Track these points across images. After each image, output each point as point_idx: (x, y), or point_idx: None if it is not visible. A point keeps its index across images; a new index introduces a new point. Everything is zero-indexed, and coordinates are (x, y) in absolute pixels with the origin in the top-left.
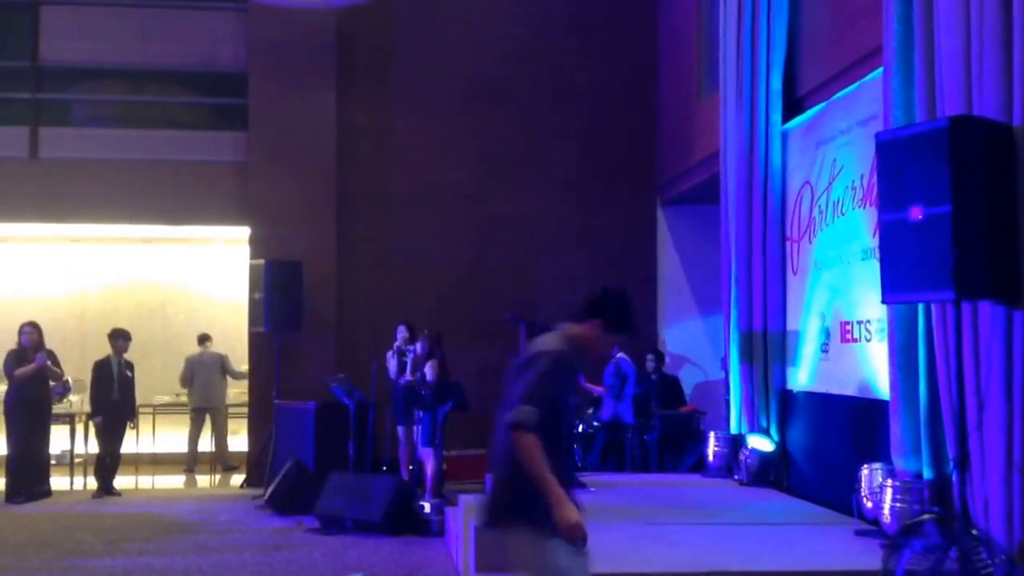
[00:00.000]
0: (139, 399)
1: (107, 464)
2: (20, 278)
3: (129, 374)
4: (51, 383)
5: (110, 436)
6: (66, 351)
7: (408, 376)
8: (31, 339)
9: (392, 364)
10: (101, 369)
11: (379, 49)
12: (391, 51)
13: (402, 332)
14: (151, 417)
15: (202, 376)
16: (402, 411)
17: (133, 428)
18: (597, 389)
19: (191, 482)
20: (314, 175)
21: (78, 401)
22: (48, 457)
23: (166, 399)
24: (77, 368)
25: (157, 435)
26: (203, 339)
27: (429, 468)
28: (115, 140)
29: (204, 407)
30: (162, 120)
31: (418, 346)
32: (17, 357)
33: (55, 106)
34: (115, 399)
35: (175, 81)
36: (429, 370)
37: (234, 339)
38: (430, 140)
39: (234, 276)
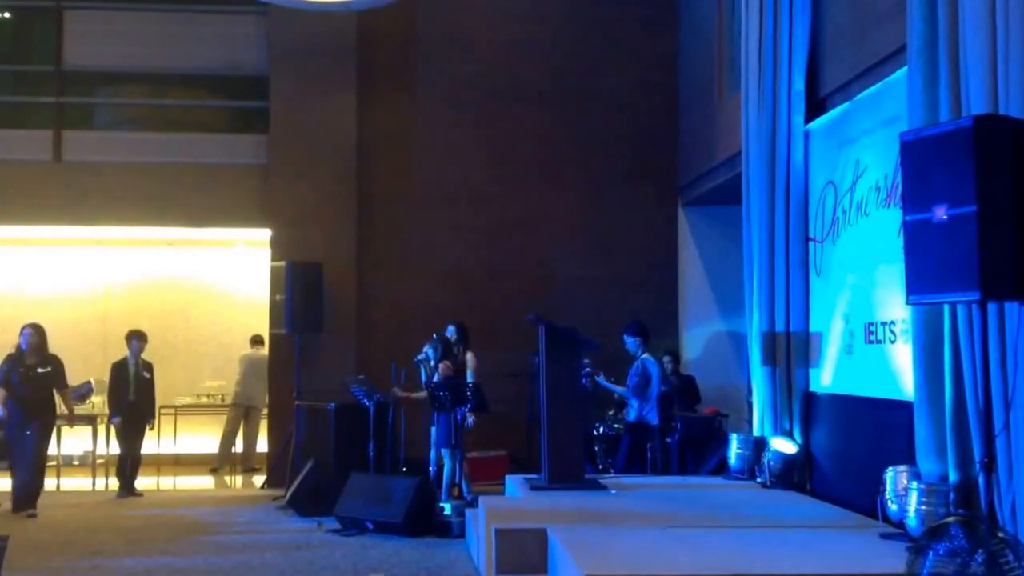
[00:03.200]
0: (160, 400)
1: (128, 464)
2: (43, 280)
3: (147, 375)
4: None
5: (129, 437)
6: (89, 352)
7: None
8: (30, 342)
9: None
10: (118, 370)
11: (399, 52)
12: (411, 54)
13: (427, 349)
14: (172, 418)
15: (249, 375)
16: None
17: (152, 428)
18: (619, 388)
19: (219, 483)
20: (335, 177)
21: (100, 402)
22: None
23: (188, 400)
24: (99, 369)
25: (179, 436)
26: (255, 341)
27: (446, 469)
28: (137, 143)
29: (243, 404)
30: (184, 123)
31: (449, 331)
32: (13, 362)
33: (78, 109)
34: (132, 400)
35: (197, 84)
36: (470, 360)
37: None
38: (450, 142)
39: (255, 278)
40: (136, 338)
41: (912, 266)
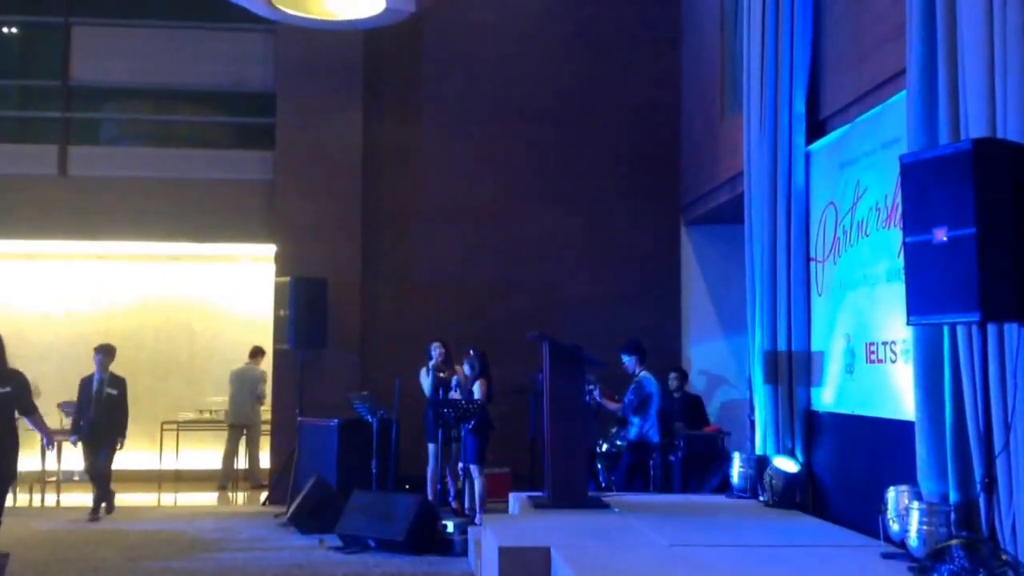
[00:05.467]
0: (163, 415)
1: (97, 483)
2: (48, 294)
3: (113, 391)
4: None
5: (89, 456)
6: (92, 367)
7: (454, 393)
8: None
9: (426, 382)
10: (82, 387)
11: (405, 70)
12: (417, 71)
13: (437, 349)
14: (175, 434)
15: (238, 391)
16: (434, 429)
17: (121, 447)
18: (614, 405)
19: (224, 500)
20: (340, 194)
21: None
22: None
23: (190, 416)
24: None
25: (181, 452)
26: (252, 353)
27: (478, 485)
28: (144, 158)
29: (237, 423)
30: (190, 139)
31: (466, 366)
32: None
33: (85, 125)
34: (93, 418)
35: (204, 101)
36: (478, 389)
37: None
38: (455, 159)
39: (260, 293)
40: (101, 353)
41: (913, 287)
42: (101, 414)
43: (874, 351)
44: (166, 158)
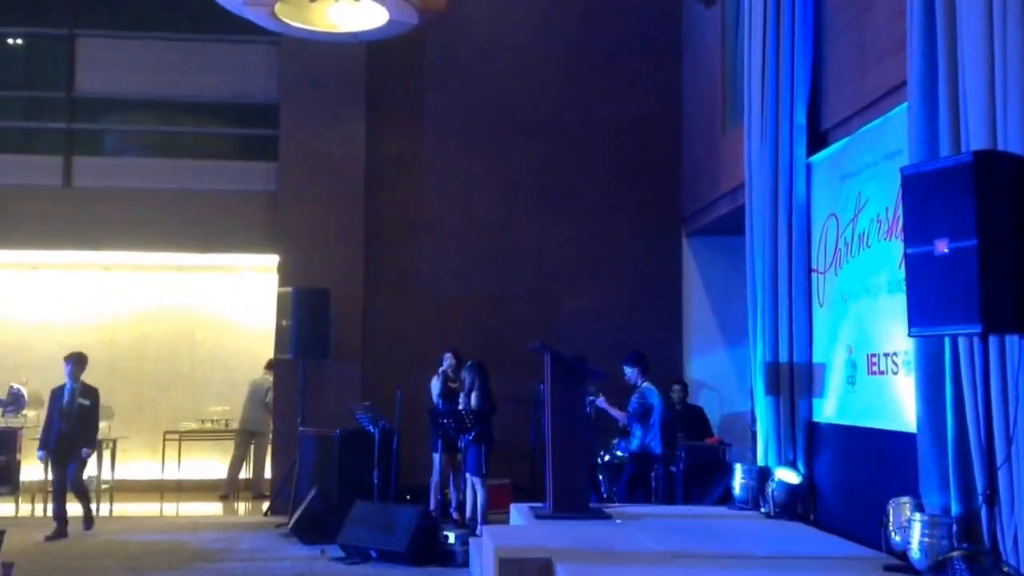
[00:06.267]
0: (165, 425)
1: (57, 496)
2: (51, 304)
3: (85, 402)
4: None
5: (56, 468)
6: (95, 377)
7: (460, 402)
8: None
9: (435, 389)
10: (52, 397)
11: (407, 82)
12: (419, 84)
13: (449, 359)
14: (177, 444)
15: (252, 400)
16: (439, 438)
17: (86, 458)
18: (618, 413)
19: (228, 509)
20: (342, 205)
21: (106, 427)
22: None
23: (193, 426)
24: (105, 394)
25: (183, 462)
26: (270, 365)
27: (480, 496)
28: (147, 169)
29: (247, 430)
30: (194, 150)
31: (465, 377)
32: None
33: (89, 136)
34: (63, 430)
35: (208, 112)
36: (475, 399)
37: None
38: (457, 171)
39: (262, 304)
40: (71, 362)
41: (914, 298)
42: (74, 427)
43: (876, 363)
44: (170, 169)
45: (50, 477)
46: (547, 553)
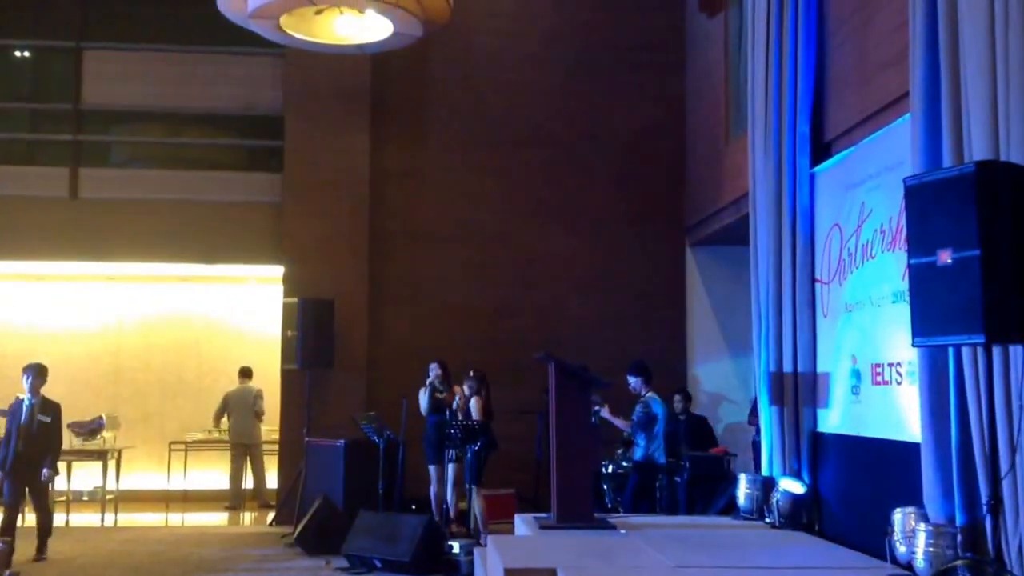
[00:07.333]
0: (171, 436)
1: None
2: (57, 315)
3: (45, 418)
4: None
5: (13, 492)
6: (101, 387)
7: (456, 413)
8: None
9: (423, 401)
10: (10, 411)
11: (412, 93)
12: (424, 95)
13: (435, 369)
14: (183, 454)
15: (238, 411)
16: (434, 450)
17: (47, 480)
18: (621, 422)
19: (234, 520)
20: (347, 215)
21: (111, 437)
22: None
23: (199, 436)
24: (110, 404)
25: (189, 472)
26: (243, 373)
27: (477, 505)
28: (153, 181)
29: (240, 443)
30: (200, 161)
31: (466, 386)
32: None
33: (95, 147)
34: (20, 449)
35: (213, 124)
36: (474, 409)
37: (267, 376)
38: (461, 181)
39: (268, 314)
40: (31, 373)
41: (918, 309)
42: (31, 445)
43: (880, 372)
44: (175, 180)
45: (6, 497)
46: (551, 563)
